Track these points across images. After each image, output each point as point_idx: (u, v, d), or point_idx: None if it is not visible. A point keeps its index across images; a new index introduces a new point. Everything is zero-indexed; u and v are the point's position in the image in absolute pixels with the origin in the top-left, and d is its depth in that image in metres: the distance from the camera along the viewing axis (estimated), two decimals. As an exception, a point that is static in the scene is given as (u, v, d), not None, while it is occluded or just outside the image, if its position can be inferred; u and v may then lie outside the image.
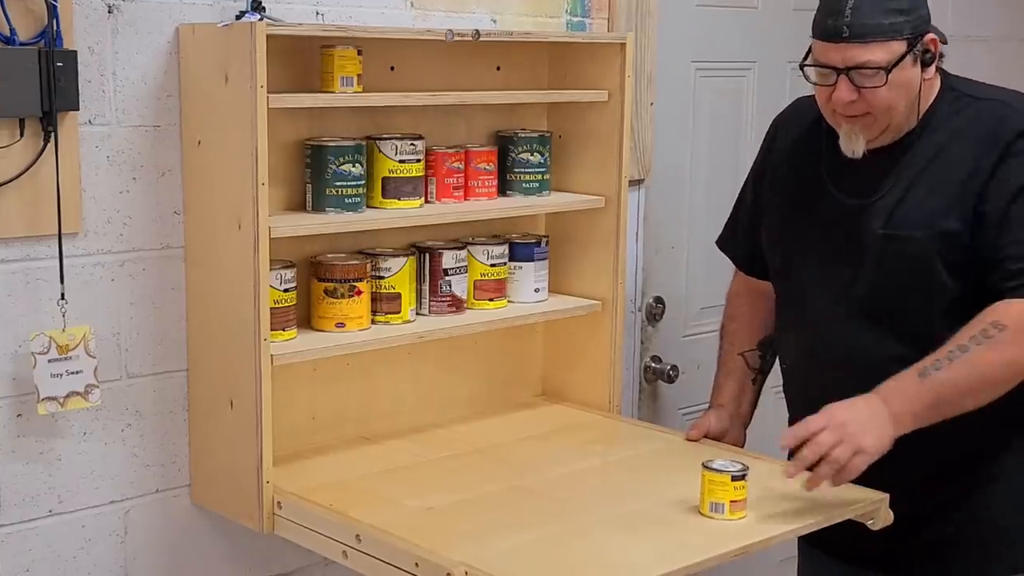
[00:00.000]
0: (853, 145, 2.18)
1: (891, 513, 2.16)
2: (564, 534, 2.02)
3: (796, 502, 2.13)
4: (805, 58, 2.19)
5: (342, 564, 2.04)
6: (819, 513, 2.11)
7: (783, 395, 2.45)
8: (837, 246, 2.25)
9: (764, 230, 2.42)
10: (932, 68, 2.16)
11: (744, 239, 2.51)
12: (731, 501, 2.05)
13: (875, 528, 2.17)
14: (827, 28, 2.12)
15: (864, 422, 2.03)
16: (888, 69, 2.09)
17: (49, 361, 2.06)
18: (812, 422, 2.05)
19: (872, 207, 2.20)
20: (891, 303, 2.20)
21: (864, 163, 2.20)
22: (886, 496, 2.15)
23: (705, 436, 2.45)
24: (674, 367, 3.09)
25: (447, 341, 2.49)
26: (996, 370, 2.06)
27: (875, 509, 2.15)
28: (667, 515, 2.09)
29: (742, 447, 2.45)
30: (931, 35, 2.15)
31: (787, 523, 2.07)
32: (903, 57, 2.10)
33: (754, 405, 2.52)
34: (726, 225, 2.57)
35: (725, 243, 2.58)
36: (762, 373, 2.52)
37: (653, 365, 3.11)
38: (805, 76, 2.19)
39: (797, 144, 2.37)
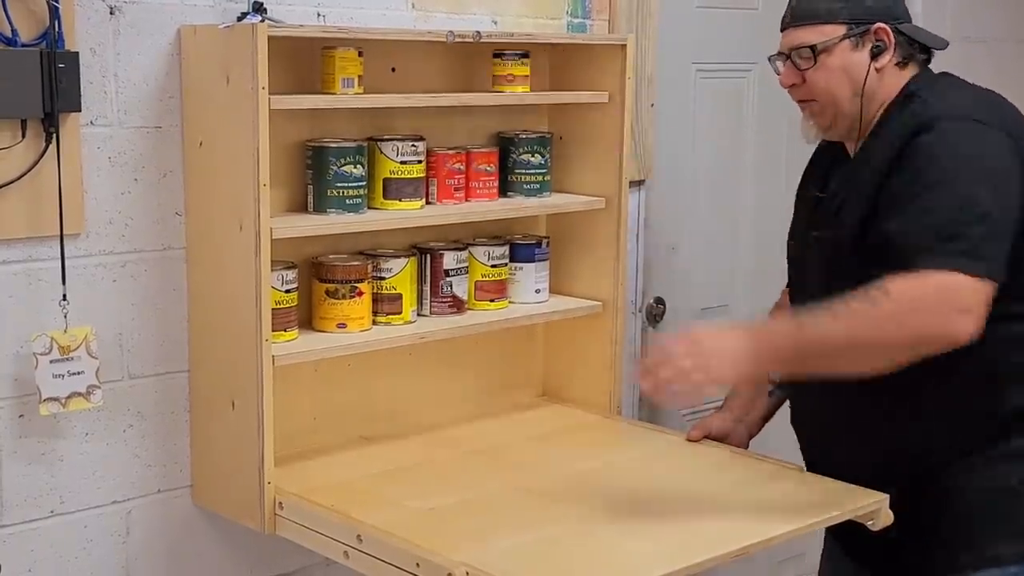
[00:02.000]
0: (806, 132, 2.24)
1: (891, 514, 2.15)
2: (565, 535, 2.03)
3: (796, 502, 2.14)
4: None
5: (343, 564, 2.04)
6: (819, 514, 2.11)
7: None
8: (801, 251, 2.28)
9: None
10: (885, 60, 2.15)
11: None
12: None
13: (875, 529, 2.17)
14: (782, 18, 2.22)
15: (723, 350, 1.99)
16: (817, 50, 2.13)
17: (51, 362, 2.07)
18: (673, 343, 2.02)
19: (818, 211, 2.23)
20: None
21: (840, 167, 2.23)
22: (886, 497, 2.15)
23: (706, 437, 2.44)
24: (675, 368, 3.09)
25: (448, 342, 2.49)
26: (868, 333, 1.96)
27: (875, 510, 2.15)
28: (668, 516, 2.09)
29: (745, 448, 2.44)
30: (880, 24, 2.15)
31: (787, 523, 2.07)
32: (839, 41, 2.13)
33: (767, 416, 2.47)
34: None
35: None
36: (781, 388, 2.44)
37: (653, 366, 3.10)
38: (773, 68, 2.24)
39: (815, 152, 2.38)
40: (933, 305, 1.93)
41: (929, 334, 1.94)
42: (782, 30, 2.22)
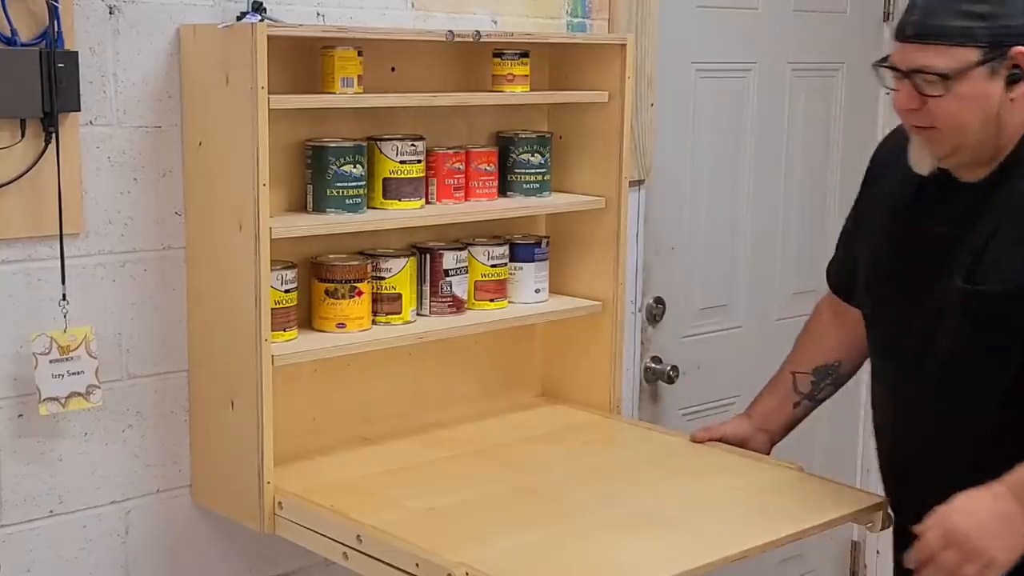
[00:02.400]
0: (918, 159, 2.00)
1: (892, 516, 2.14)
2: (565, 535, 2.03)
3: (796, 504, 2.14)
4: (884, 59, 1.98)
5: (343, 565, 2.04)
6: (820, 516, 2.11)
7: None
8: (919, 293, 2.03)
9: (861, 269, 2.20)
10: (1020, 89, 1.89)
11: (840, 267, 2.31)
12: None
13: (873, 532, 2.14)
14: (898, 26, 1.95)
15: (991, 529, 1.80)
16: (948, 77, 1.88)
17: (50, 362, 2.06)
18: (929, 538, 1.83)
19: (954, 252, 1.97)
20: (973, 371, 1.96)
21: (957, 194, 2.00)
22: (885, 499, 2.14)
23: (719, 440, 2.36)
24: (674, 368, 3.09)
25: (448, 342, 2.49)
26: None
27: (875, 512, 2.15)
28: (668, 517, 2.09)
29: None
30: (1021, 49, 1.87)
31: (788, 526, 2.07)
32: (974, 67, 1.87)
33: (789, 427, 2.36)
34: (833, 257, 2.36)
35: (828, 272, 2.36)
36: (810, 400, 2.34)
37: (653, 366, 3.11)
38: (879, 78, 2.00)
39: (897, 173, 2.11)
40: None
41: None
42: (900, 40, 1.93)
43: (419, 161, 2.37)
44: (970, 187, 1.98)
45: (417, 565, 1.89)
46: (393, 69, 2.42)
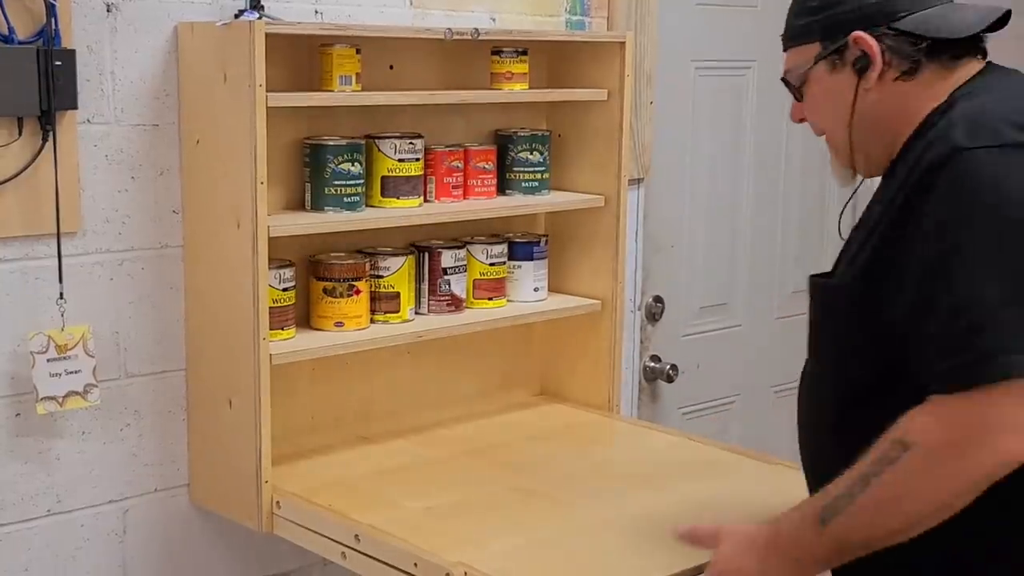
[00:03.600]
0: (835, 172, 1.83)
1: None
2: (563, 535, 2.02)
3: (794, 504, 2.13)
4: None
5: (341, 565, 2.04)
6: None
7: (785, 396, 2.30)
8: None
9: None
10: (873, 76, 1.67)
11: None
12: None
13: None
14: None
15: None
16: (789, 82, 1.76)
17: (48, 360, 2.06)
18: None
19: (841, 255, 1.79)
20: (819, 371, 1.77)
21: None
22: None
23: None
24: (673, 366, 3.09)
25: (446, 340, 2.49)
26: (904, 508, 1.53)
27: None
28: (667, 517, 2.09)
29: None
30: (857, 33, 1.67)
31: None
32: (812, 64, 1.72)
33: None
34: None
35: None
36: None
37: (652, 364, 3.10)
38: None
39: None
40: (971, 444, 1.48)
41: (980, 476, 1.49)
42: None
43: (417, 159, 2.36)
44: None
45: (415, 565, 1.88)
46: (391, 67, 2.42)
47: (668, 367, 3.09)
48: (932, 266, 1.52)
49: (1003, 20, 1.69)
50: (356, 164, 2.27)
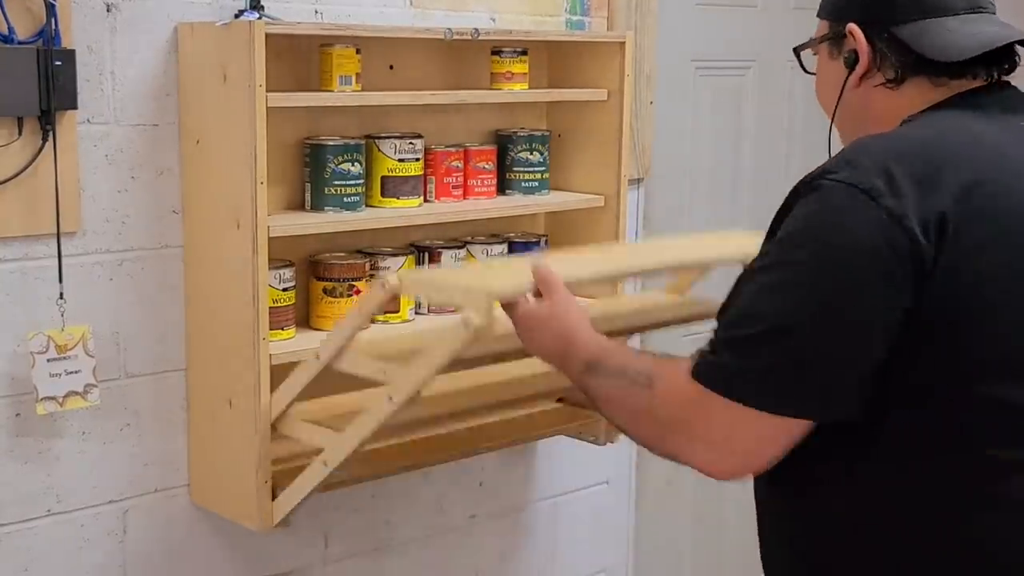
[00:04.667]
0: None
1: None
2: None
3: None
4: None
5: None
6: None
7: None
8: None
9: None
10: (858, 73, 1.63)
11: None
12: None
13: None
14: None
15: (546, 333, 1.80)
16: (799, 52, 1.75)
17: (48, 361, 2.06)
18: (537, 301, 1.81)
19: None
20: None
21: None
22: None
23: None
24: (673, 366, 3.08)
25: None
26: (618, 417, 1.68)
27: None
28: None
29: None
30: (852, 26, 1.61)
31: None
32: (819, 42, 1.69)
33: None
34: None
35: None
36: None
37: (652, 364, 3.10)
38: None
39: None
40: (675, 424, 1.56)
41: (674, 454, 1.59)
42: None
43: (417, 159, 2.36)
44: None
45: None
46: (391, 67, 2.42)
47: (668, 367, 3.08)
48: (745, 273, 1.55)
49: (1008, 51, 1.61)
50: (356, 164, 2.27)
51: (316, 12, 2.34)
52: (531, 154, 2.55)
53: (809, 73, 1.76)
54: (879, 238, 1.43)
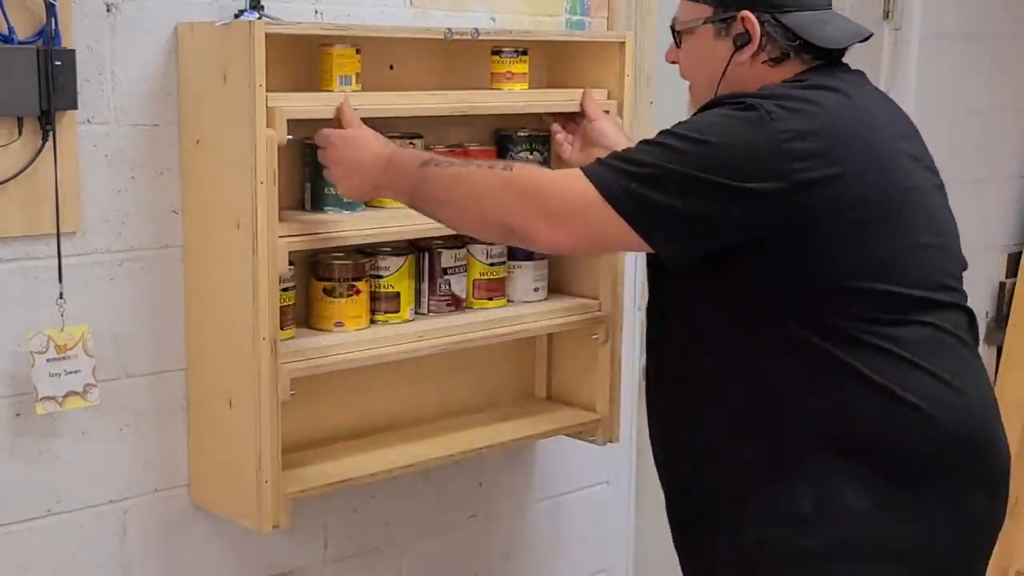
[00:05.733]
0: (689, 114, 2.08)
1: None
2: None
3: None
4: None
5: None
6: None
7: None
8: None
9: None
10: (747, 53, 1.97)
11: None
12: None
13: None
14: None
15: (355, 165, 2.09)
16: (676, 30, 2.05)
17: (47, 360, 2.06)
18: (334, 133, 2.13)
19: None
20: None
21: None
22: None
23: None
24: (674, 366, 3.08)
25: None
26: (462, 195, 1.98)
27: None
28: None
29: None
30: (745, 13, 1.96)
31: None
32: (701, 23, 2.00)
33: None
34: None
35: None
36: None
37: (653, 364, 3.10)
38: None
39: None
40: (528, 195, 1.90)
41: (510, 224, 1.91)
42: None
43: (417, 159, 2.36)
44: None
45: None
46: (391, 67, 2.42)
47: (668, 367, 3.08)
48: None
49: (865, 40, 2.01)
50: (356, 164, 2.27)
51: (316, 12, 2.34)
52: (531, 154, 2.55)
53: (678, 47, 2.08)
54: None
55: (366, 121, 2.35)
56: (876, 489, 1.85)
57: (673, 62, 2.10)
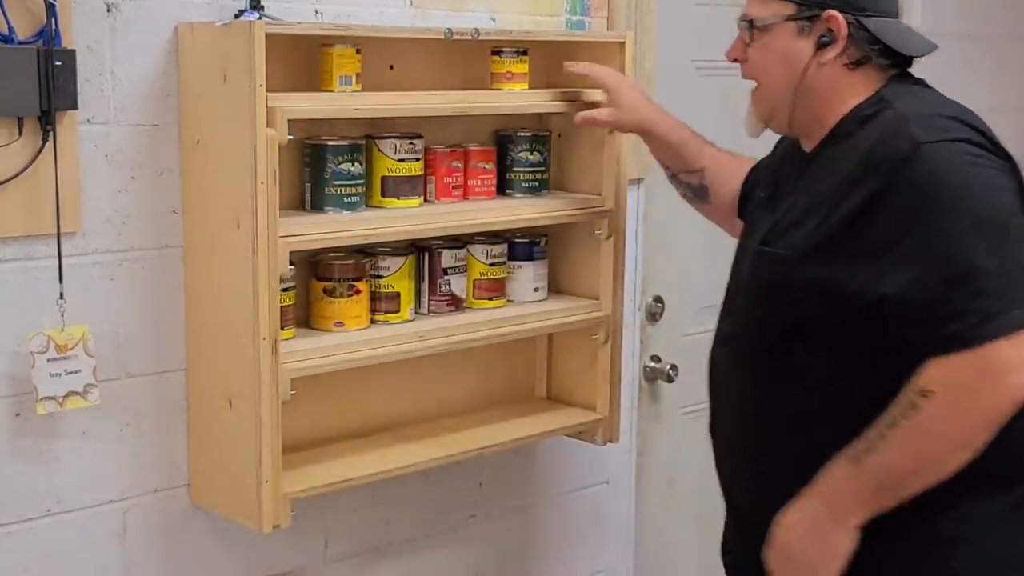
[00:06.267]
0: (748, 121, 2.06)
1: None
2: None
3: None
4: None
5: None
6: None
7: None
8: (739, 259, 2.10)
9: None
10: (830, 55, 1.91)
11: (748, 183, 2.34)
12: None
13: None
14: None
15: (806, 544, 1.87)
16: (755, 26, 1.95)
17: (48, 360, 2.06)
18: (769, 562, 1.94)
19: (767, 217, 2.01)
20: (751, 326, 2.00)
21: (796, 165, 2.04)
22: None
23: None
24: (674, 367, 3.09)
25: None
26: (932, 446, 1.79)
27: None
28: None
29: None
30: (833, 13, 1.90)
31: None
32: (783, 21, 1.92)
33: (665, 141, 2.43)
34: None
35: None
36: (673, 177, 2.48)
37: (652, 364, 3.10)
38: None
39: (777, 142, 2.22)
40: (985, 385, 1.73)
41: (997, 415, 1.75)
42: None
43: (417, 159, 2.36)
44: (804, 157, 2.02)
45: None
46: (392, 67, 2.42)
47: (668, 367, 3.09)
48: (919, 246, 1.76)
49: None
50: (356, 164, 2.27)
51: (316, 12, 2.34)
52: (531, 154, 2.55)
53: (748, 43, 1.98)
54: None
55: (366, 121, 2.36)
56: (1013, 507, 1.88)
57: (736, 60, 2.01)
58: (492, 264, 2.52)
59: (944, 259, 1.74)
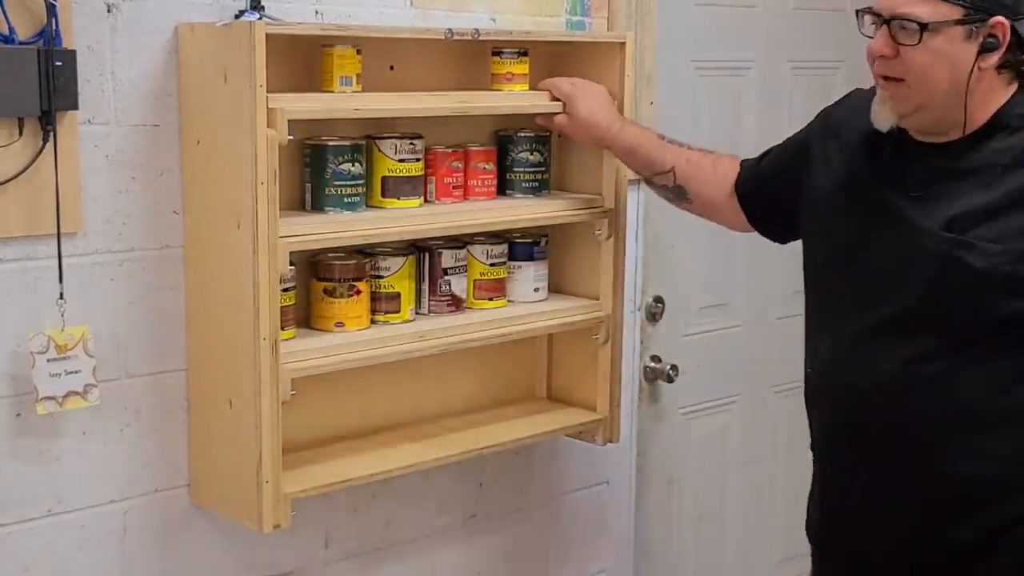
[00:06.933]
0: (880, 115, 2.00)
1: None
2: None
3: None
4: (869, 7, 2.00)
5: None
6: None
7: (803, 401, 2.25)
8: (885, 251, 2.02)
9: (805, 216, 2.22)
10: (995, 58, 1.92)
11: (756, 183, 2.39)
12: None
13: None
14: None
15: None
16: (926, 27, 1.89)
17: (48, 361, 2.06)
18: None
19: (932, 208, 1.97)
20: (941, 319, 1.97)
21: (921, 162, 2.00)
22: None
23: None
24: (674, 367, 3.09)
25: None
26: None
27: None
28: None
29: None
30: (1000, 19, 1.90)
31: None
32: (952, 24, 1.89)
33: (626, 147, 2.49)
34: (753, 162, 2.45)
35: (741, 172, 2.42)
36: (648, 182, 2.53)
37: (652, 365, 3.10)
38: (860, 24, 2.01)
39: (852, 140, 2.13)
40: None
41: None
42: None
43: (418, 160, 2.36)
44: (940, 149, 1.99)
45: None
46: (392, 67, 2.42)
47: (668, 367, 3.09)
48: None
49: None
50: (356, 164, 2.28)
51: (316, 12, 2.34)
52: (531, 154, 2.55)
53: (917, 43, 1.92)
54: None
55: (367, 121, 2.36)
56: None
57: (883, 56, 1.96)
58: (492, 264, 2.52)
59: None
